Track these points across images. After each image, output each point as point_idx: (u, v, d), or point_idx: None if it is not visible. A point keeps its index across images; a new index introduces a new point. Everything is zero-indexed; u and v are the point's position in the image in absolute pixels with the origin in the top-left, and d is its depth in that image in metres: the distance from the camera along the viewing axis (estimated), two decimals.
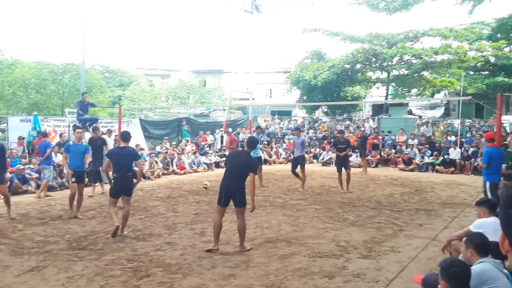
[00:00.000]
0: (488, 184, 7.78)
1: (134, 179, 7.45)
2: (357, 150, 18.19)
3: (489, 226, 4.26)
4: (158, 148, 17.10)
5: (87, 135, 14.48)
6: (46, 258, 5.81)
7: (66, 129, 14.97)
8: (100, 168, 10.53)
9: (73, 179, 8.49)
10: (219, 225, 6.16)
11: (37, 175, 12.15)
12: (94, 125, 14.87)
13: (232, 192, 6.13)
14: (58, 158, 13.01)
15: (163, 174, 15.38)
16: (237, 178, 6.15)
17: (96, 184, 11.35)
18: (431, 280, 3.37)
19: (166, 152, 16.46)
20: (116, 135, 15.12)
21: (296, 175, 12.13)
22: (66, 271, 5.30)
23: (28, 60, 28.31)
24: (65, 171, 11.49)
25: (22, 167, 11.84)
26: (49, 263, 5.58)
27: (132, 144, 8.21)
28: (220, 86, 38.18)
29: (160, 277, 5.08)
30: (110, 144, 15.07)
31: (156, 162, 15.43)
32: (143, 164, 14.72)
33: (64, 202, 10.02)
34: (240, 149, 6.61)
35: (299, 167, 12.02)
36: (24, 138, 13.50)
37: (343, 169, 11.65)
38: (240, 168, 6.17)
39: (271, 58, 52.10)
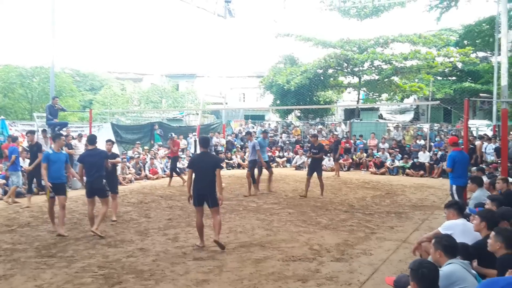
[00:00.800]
0: (454, 187, 8.10)
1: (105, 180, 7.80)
2: (329, 154, 18.39)
3: (457, 227, 4.38)
4: (130, 153, 16.87)
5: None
6: (13, 266, 5.65)
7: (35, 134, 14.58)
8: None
9: (51, 193, 7.63)
10: (200, 224, 6.50)
11: (4, 181, 11.79)
12: (64, 129, 14.62)
13: (204, 194, 6.36)
14: (26, 164, 12.67)
15: (135, 179, 15.17)
16: (206, 180, 6.34)
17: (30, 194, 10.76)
18: (402, 282, 3.44)
19: (138, 157, 16.26)
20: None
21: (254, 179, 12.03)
22: (35, 279, 5.16)
23: None
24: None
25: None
26: (16, 272, 5.42)
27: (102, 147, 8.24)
28: (193, 90, 38.01)
29: (132, 284, 5.01)
30: (81, 149, 14.79)
31: (128, 167, 15.22)
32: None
33: (32, 209, 9.77)
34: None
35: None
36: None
37: (314, 174, 11.45)
38: (206, 169, 6.35)
39: (244, 63, 52.30)
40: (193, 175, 6.47)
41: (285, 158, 20.79)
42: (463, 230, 4.35)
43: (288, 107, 26.54)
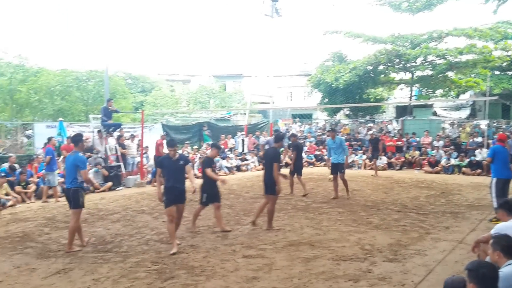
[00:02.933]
0: (494, 180, 8.11)
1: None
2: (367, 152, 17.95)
3: (509, 230, 4.09)
4: (180, 153, 17.21)
5: (112, 141, 14.73)
6: (72, 260, 5.90)
7: (91, 134, 15.22)
8: None
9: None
10: (173, 219, 6.44)
11: (62, 179, 12.36)
12: (117, 130, 15.16)
13: (179, 193, 6.60)
14: None
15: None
16: (178, 180, 6.57)
17: None
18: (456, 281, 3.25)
19: (187, 156, 16.56)
20: (139, 140, 15.32)
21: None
22: (92, 273, 5.36)
23: (53, 68, 28.98)
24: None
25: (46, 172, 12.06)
26: (75, 266, 5.66)
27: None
28: (240, 90, 38.31)
29: (184, 279, 5.09)
30: (133, 149, 15.28)
31: None
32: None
33: (89, 206, 10.16)
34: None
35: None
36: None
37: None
38: (175, 169, 6.55)
39: (292, 61, 52.09)
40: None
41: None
42: None
43: (337, 106, 26.10)
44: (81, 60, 57.30)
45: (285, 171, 12.09)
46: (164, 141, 14.87)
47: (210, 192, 7.59)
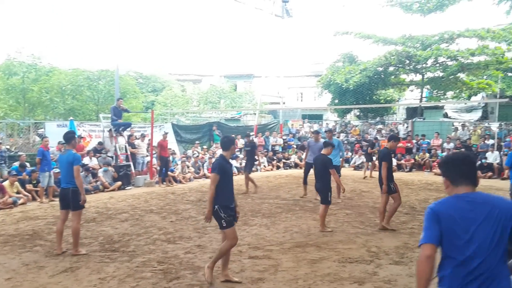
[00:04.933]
0: None
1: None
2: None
3: None
4: (189, 152, 17.30)
5: (122, 140, 14.84)
6: (79, 259, 5.96)
7: (101, 133, 15.35)
8: None
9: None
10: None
11: None
12: (127, 129, 15.27)
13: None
14: (93, 162, 13.38)
15: (194, 178, 15.55)
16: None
17: None
18: None
19: (197, 156, 16.64)
20: (149, 140, 15.42)
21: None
22: (99, 272, 5.41)
23: (65, 67, 29.25)
24: None
25: (58, 170, 12.18)
26: (82, 264, 5.72)
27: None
28: (250, 90, 38.34)
29: (189, 279, 5.11)
30: (143, 148, 15.38)
31: (188, 166, 15.62)
32: (174, 168, 14.95)
33: (98, 205, 10.26)
34: None
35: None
36: (64, 143, 13.88)
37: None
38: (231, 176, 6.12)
39: (302, 62, 51.94)
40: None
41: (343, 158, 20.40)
42: None
43: (347, 107, 26.03)
44: (93, 59, 57.67)
45: (293, 171, 12.05)
46: (167, 141, 14.78)
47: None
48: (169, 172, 14.31)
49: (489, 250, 2.28)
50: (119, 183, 13.20)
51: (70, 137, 6.55)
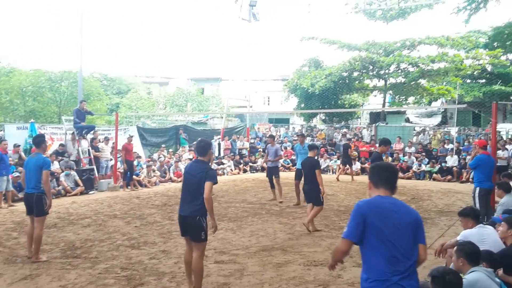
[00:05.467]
0: (477, 189, 7.87)
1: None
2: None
3: (473, 237, 4.23)
4: (155, 156, 17.09)
5: (85, 143, 14.50)
6: (39, 266, 5.78)
7: (63, 136, 14.95)
8: None
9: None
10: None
11: None
12: (91, 132, 14.94)
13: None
14: (55, 166, 13.00)
15: (160, 182, 15.36)
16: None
17: None
18: None
19: (163, 160, 16.45)
20: (113, 143, 15.13)
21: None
22: (60, 279, 5.27)
23: (26, 68, 28.35)
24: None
25: (18, 174, 11.78)
26: (42, 272, 5.55)
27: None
28: (218, 93, 38.23)
29: (153, 285, 5.05)
30: (107, 152, 15.08)
31: (154, 170, 15.41)
32: (139, 172, 14.73)
33: (59, 210, 9.98)
34: None
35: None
36: (19, 145, 13.44)
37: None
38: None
39: (269, 66, 52.35)
40: None
41: None
42: (479, 239, 4.20)
43: (313, 111, 26.38)
44: (55, 60, 56.17)
45: (259, 175, 12.10)
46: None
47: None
48: (134, 176, 14.08)
49: (408, 244, 2.63)
50: (82, 187, 12.88)
51: (40, 141, 6.37)
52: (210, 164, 4.94)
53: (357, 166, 18.61)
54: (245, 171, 19.33)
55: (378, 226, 2.63)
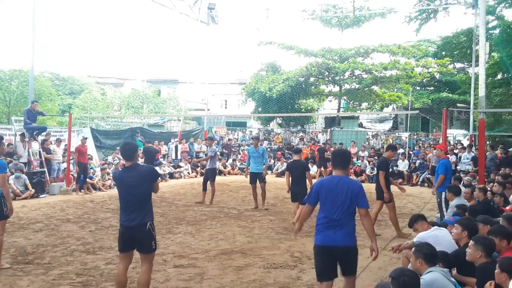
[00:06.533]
0: (443, 194, 7.94)
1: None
2: (311, 162, 18.50)
3: (429, 239, 4.44)
4: (110, 159, 16.67)
5: (35, 145, 13.95)
6: None
7: (13, 137, 14.31)
8: None
9: None
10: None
11: None
12: (42, 133, 14.39)
13: None
14: None
15: (115, 185, 14.99)
16: None
17: None
18: None
19: (118, 162, 16.06)
20: (66, 145, 14.64)
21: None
22: (11, 286, 5.05)
23: None
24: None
25: None
26: None
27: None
28: (175, 96, 37.84)
29: None
30: (59, 154, 14.57)
31: (108, 173, 15.04)
32: (92, 175, 14.34)
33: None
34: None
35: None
36: None
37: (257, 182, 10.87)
38: None
39: (227, 70, 52.32)
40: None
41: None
42: (434, 241, 4.41)
43: (270, 115, 26.65)
44: (4, 58, 53.65)
45: (217, 178, 12.06)
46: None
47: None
48: (87, 179, 13.68)
49: (343, 209, 3.93)
50: (32, 191, 12.37)
51: None
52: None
53: (314, 169, 18.92)
54: (202, 174, 19.19)
55: (324, 195, 4.00)
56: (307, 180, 8.63)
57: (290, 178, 8.73)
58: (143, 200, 4.42)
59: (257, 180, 10.75)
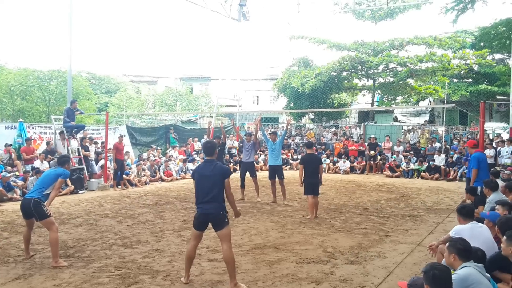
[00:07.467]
0: (479, 188, 7.82)
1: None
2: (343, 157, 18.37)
3: (465, 232, 4.35)
4: (145, 155, 17.06)
5: (74, 143, 14.42)
6: (32, 266, 5.77)
7: (52, 136, 14.85)
8: None
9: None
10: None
11: (22, 182, 12.03)
12: (81, 132, 14.86)
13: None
14: (44, 165, 12.92)
15: (150, 181, 15.34)
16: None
17: None
18: (418, 285, 3.44)
19: (154, 159, 16.42)
20: (102, 143, 15.06)
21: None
22: (53, 279, 5.26)
23: (14, 67, 28.05)
24: None
25: (8, 174, 11.70)
26: (35, 271, 5.54)
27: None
28: (207, 93, 38.22)
29: (148, 284, 5.08)
30: (92, 152, 14.99)
31: (144, 170, 15.39)
32: (129, 171, 14.70)
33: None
34: None
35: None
36: (10, 145, 13.33)
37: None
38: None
39: (258, 65, 52.38)
40: None
41: (298, 160, 20.77)
42: (471, 234, 4.32)
43: (302, 110, 26.53)
44: (44, 59, 55.60)
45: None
46: (123, 144, 14.48)
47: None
48: (124, 176, 14.05)
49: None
50: (72, 187, 12.82)
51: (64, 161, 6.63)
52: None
53: (346, 165, 18.78)
54: (235, 170, 19.35)
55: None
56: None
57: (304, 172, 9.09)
58: (215, 191, 4.97)
59: (276, 176, 10.90)
